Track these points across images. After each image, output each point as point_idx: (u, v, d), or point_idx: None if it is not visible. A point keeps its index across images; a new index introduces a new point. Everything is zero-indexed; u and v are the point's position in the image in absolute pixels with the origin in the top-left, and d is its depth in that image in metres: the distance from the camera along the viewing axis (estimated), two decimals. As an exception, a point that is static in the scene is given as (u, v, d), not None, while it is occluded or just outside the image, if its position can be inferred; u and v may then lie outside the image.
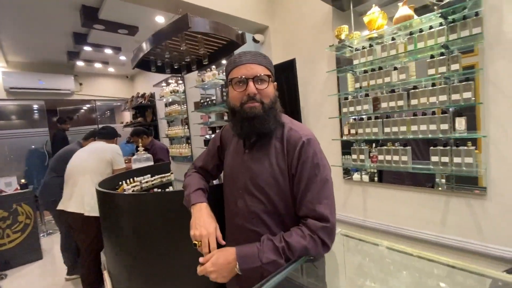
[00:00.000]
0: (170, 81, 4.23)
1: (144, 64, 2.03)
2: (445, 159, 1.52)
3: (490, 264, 1.45)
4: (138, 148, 2.54)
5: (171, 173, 2.50)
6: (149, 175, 2.27)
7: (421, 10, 1.57)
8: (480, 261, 1.48)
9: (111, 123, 6.59)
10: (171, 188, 2.39)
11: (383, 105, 1.75)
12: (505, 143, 1.36)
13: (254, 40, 2.34)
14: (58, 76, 5.04)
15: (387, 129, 1.75)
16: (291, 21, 2.30)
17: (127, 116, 6.48)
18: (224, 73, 1.01)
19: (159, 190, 2.30)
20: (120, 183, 1.96)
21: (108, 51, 4.20)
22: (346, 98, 1.96)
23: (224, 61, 3.14)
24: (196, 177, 1.09)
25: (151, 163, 2.50)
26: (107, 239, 1.44)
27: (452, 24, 1.44)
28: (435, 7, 1.44)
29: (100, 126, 3.26)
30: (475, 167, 1.43)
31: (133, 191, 2.00)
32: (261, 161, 0.90)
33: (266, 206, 0.87)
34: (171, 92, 4.11)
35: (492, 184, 1.43)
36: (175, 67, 2.02)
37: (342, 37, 1.84)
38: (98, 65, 5.05)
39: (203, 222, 0.87)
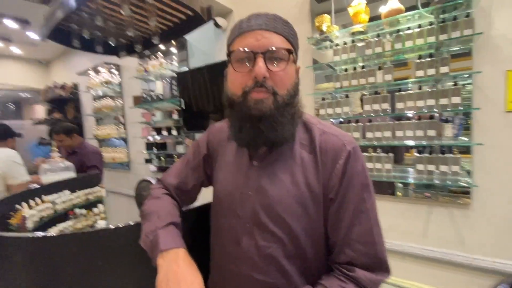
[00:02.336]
0: (100, 69, 3.44)
1: (63, 35, 1.43)
2: (431, 167, 1.43)
3: (474, 275, 1.40)
4: (51, 153, 1.84)
5: (102, 187, 1.90)
6: (67, 191, 1.64)
7: (408, 11, 1.45)
8: (464, 272, 1.42)
9: (16, 119, 5.18)
10: (100, 209, 1.79)
11: (366, 107, 1.59)
12: (490, 152, 1.32)
13: (216, 25, 1.96)
14: None
15: (369, 134, 1.59)
16: (258, 6, 1.99)
17: (40, 110, 5.18)
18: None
19: (83, 211, 1.69)
20: (18, 206, 1.32)
21: (10, 23, 3.17)
22: (324, 99, 1.75)
23: (174, 49, 2.65)
24: (165, 203, 0.71)
25: (72, 174, 1.84)
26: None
27: (442, 23, 1.35)
28: (430, 3, 1.32)
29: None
30: (464, 176, 1.36)
31: (41, 218, 1.38)
32: (280, 179, 0.61)
33: (288, 247, 0.59)
34: (102, 83, 3.34)
35: (475, 194, 1.38)
36: (112, 44, 1.48)
37: (323, 28, 1.62)
38: (-6, 42, 3.83)
39: (183, 281, 0.52)
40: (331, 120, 1.74)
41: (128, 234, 0.72)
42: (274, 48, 0.55)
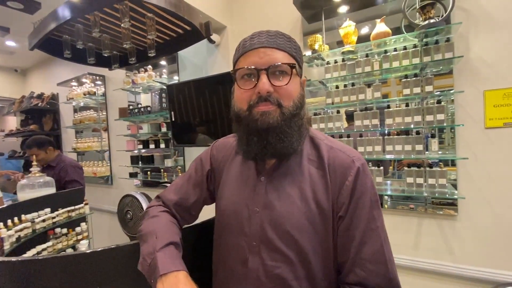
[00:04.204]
0: (84, 80, 3.33)
1: (52, 45, 1.38)
2: (420, 180, 1.49)
3: (464, 285, 1.44)
4: (32, 167, 1.72)
5: (85, 204, 1.79)
6: (48, 209, 1.53)
7: (394, 32, 1.56)
8: (454, 283, 1.47)
9: (-16, 130, 4.84)
10: (82, 227, 1.68)
11: (357, 123, 1.65)
12: (473, 165, 1.41)
13: (209, 40, 1.98)
14: None
15: (360, 148, 1.64)
16: (252, 23, 2.06)
17: (12, 122, 4.87)
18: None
19: (64, 230, 1.57)
20: (-6, 226, 1.21)
21: (-13, 30, 3.02)
22: (316, 114, 1.80)
23: (163, 62, 2.63)
24: (164, 221, 0.67)
25: (52, 190, 1.72)
26: None
27: (425, 46, 1.46)
28: (415, 28, 1.43)
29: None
30: (450, 189, 1.43)
31: (17, 238, 1.27)
32: (288, 195, 0.59)
33: (297, 267, 0.57)
34: (84, 94, 3.21)
35: (461, 205, 1.45)
36: (105, 55, 1.44)
37: (316, 47, 1.69)
38: (-34, 49, 3.60)
39: None
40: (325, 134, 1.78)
41: (119, 257, 0.68)
42: (276, 64, 0.57)
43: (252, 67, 0.57)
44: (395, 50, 1.54)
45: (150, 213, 0.71)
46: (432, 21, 1.39)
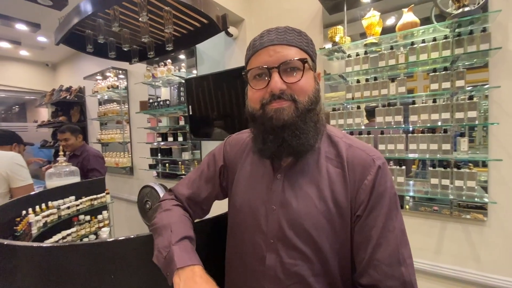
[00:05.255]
0: (108, 74, 3.45)
1: (77, 40, 1.43)
2: (446, 182, 1.40)
3: (490, 296, 1.35)
4: (58, 157, 1.82)
5: (107, 193, 1.87)
6: (72, 197, 1.61)
7: (422, 23, 1.45)
8: (479, 293, 1.38)
9: (20, 121, 5.19)
10: (104, 215, 1.75)
11: (378, 119, 1.57)
12: (508, 167, 1.30)
13: (227, 33, 1.96)
14: None
15: (381, 146, 1.57)
16: (271, 16, 2.01)
17: (44, 113, 5.19)
18: (184, 73, 0.63)
19: (88, 218, 1.65)
20: (24, 212, 1.29)
21: (21, 26, 3.20)
22: (335, 109, 1.73)
23: (182, 56, 2.66)
24: (177, 215, 0.68)
25: (77, 179, 1.81)
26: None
27: (458, 37, 1.35)
28: (447, 17, 1.32)
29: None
30: (480, 192, 1.33)
31: (44, 224, 1.35)
32: (305, 193, 0.60)
33: (315, 265, 0.57)
34: (108, 88, 3.33)
35: (492, 210, 1.35)
36: (124, 49, 1.47)
37: (336, 39, 1.62)
38: (5, 45, 3.85)
39: None
40: (342, 131, 1.71)
41: (138, 246, 0.70)
42: (289, 60, 0.56)
43: (264, 66, 0.57)
44: (423, 41, 1.43)
45: (164, 206, 0.72)
46: (466, 9, 1.28)
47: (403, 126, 1.50)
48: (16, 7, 2.78)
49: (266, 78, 0.57)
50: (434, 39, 1.41)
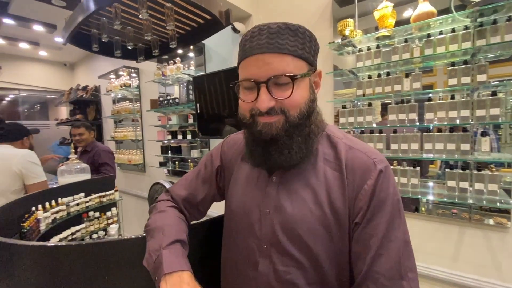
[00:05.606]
0: (121, 73, 3.52)
1: (83, 39, 1.44)
2: (464, 184, 1.30)
3: (513, 309, 1.25)
4: (70, 155, 1.86)
5: (115, 190, 1.89)
6: (82, 194, 1.65)
7: (439, 13, 1.35)
8: (500, 305, 1.27)
9: (42, 119, 5.42)
10: (113, 212, 1.78)
11: (391, 117, 1.48)
12: (535, 170, 1.18)
13: (234, 29, 1.93)
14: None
15: (394, 146, 1.48)
16: (278, 11, 1.95)
17: (63, 111, 5.39)
18: (190, 68, 0.59)
19: (97, 214, 1.68)
20: (34, 208, 1.32)
21: (39, 28, 3.32)
22: (344, 107, 1.66)
23: (191, 54, 2.65)
24: (171, 216, 0.66)
25: (88, 176, 1.85)
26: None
27: (480, 28, 1.24)
28: (468, 6, 1.22)
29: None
30: (503, 195, 1.23)
31: (53, 220, 1.38)
32: (300, 197, 0.56)
33: (309, 273, 0.54)
34: (121, 86, 3.40)
35: (516, 216, 1.24)
36: (129, 48, 1.47)
37: (346, 33, 1.54)
38: (24, 46, 4.02)
39: None
40: (353, 130, 1.64)
41: (135, 247, 0.68)
42: (278, 76, 0.51)
43: (251, 80, 0.53)
44: (441, 33, 1.33)
45: (158, 208, 0.70)
46: (490, -4, 1.17)
47: (417, 124, 1.41)
48: (33, 8, 2.87)
49: (255, 91, 0.54)
50: (453, 30, 1.30)
